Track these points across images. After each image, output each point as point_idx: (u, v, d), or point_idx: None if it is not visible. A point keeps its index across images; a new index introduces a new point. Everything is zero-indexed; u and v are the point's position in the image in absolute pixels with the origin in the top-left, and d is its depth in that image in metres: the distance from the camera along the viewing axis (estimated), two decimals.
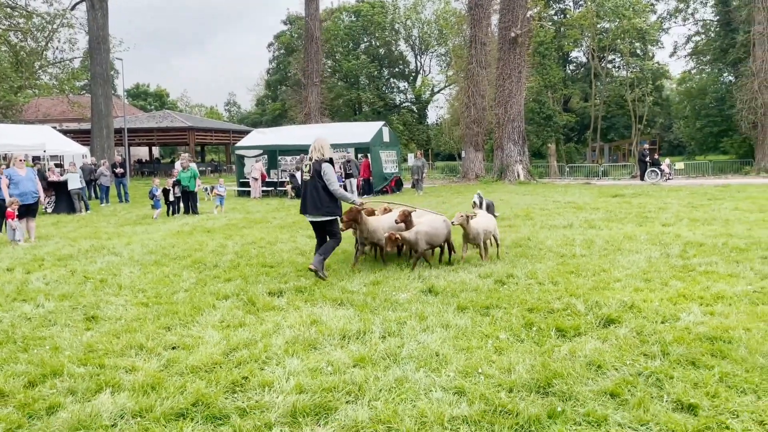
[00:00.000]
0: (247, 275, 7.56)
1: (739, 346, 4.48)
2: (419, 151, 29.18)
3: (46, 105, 44.63)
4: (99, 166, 21.43)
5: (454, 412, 3.54)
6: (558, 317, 5.35)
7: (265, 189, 23.03)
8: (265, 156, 24.09)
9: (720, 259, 7.77)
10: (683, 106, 48.55)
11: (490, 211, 9.53)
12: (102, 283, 7.30)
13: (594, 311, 5.46)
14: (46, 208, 17.30)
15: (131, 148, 43.39)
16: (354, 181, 21.29)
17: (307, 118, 37.20)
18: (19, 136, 21.93)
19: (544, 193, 20.49)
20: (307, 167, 7.25)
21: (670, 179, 26.00)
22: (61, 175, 18.48)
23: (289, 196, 21.24)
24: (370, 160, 22.94)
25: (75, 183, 17.20)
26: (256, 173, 22.64)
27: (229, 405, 3.70)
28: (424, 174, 25.05)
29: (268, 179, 23.52)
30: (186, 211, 16.11)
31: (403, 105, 60.76)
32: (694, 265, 7.41)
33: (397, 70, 60.53)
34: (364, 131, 24.52)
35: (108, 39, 33.12)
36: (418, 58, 61.73)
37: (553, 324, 5.12)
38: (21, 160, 11.42)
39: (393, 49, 59.69)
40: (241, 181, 24.65)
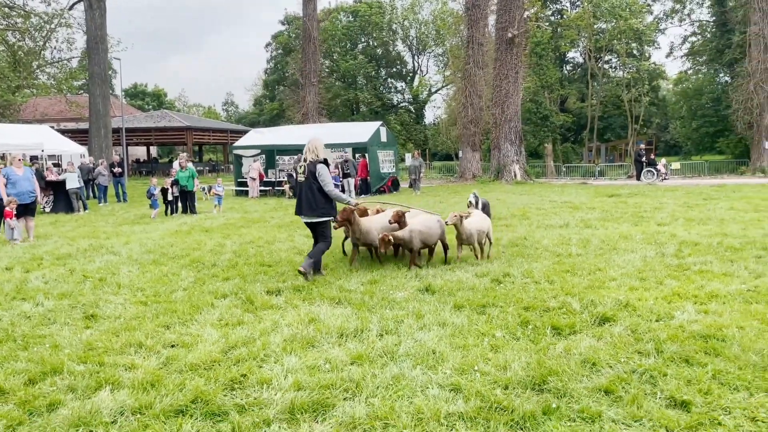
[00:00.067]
0: (246, 274, 7.60)
1: (733, 344, 4.53)
2: (417, 151, 29.20)
3: (43, 105, 44.52)
4: (97, 166, 21.41)
5: (451, 408, 3.58)
6: (553, 315, 5.40)
7: (262, 189, 23.04)
8: (263, 156, 24.11)
9: (715, 258, 7.83)
10: (679, 106, 48.66)
11: (485, 210, 9.57)
12: (101, 282, 7.33)
13: (589, 310, 5.51)
14: (45, 207, 17.30)
15: (129, 147, 43.27)
16: (351, 181, 21.40)
17: (304, 118, 37.20)
18: (17, 135, 21.99)
19: (541, 193, 20.54)
20: (302, 168, 7.24)
21: (666, 179, 26.07)
22: (59, 174, 18.47)
23: (286, 195, 21.25)
24: (367, 160, 22.98)
25: (73, 182, 17.21)
26: (254, 173, 22.67)
27: (227, 402, 3.74)
28: (422, 174, 25.10)
29: (265, 179, 23.54)
30: (184, 210, 16.13)
31: (401, 105, 60.80)
32: (689, 265, 7.47)
33: (394, 70, 60.55)
34: (361, 131, 24.56)
35: (106, 39, 33.06)
36: (416, 58, 61.88)
37: (548, 322, 5.17)
38: (19, 159, 11.44)
39: (390, 49, 59.73)
40: (239, 180, 24.66)
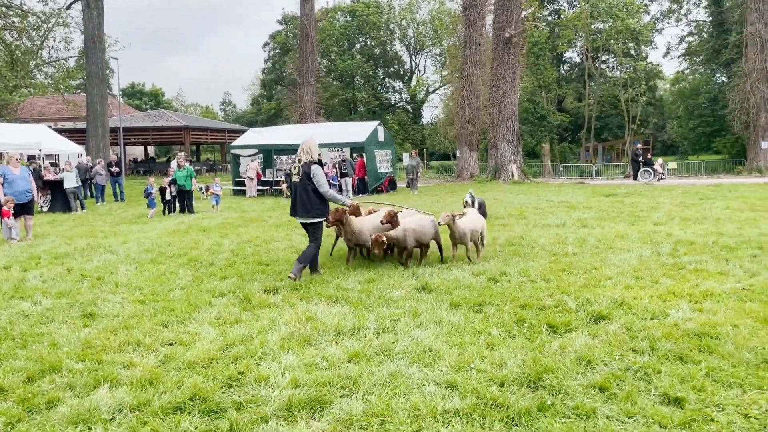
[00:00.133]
0: (243, 273, 7.62)
1: (726, 341, 4.57)
2: (414, 151, 29.24)
3: (41, 104, 44.49)
4: (94, 165, 21.40)
5: (447, 405, 3.61)
6: (549, 314, 5.43)
7: (260, 188, 23.06)
8: (261, 155, 24.12)
9: (710, 257, 7.88)
10: (676, 106, 48.76)
11: (481, 210, 9.58)
12: (99, 280, 7.34)
13: (585, 308, 5.55)
14: (42, 207, 17.29)
15: (126, 147, 43.26)
16: (349, 180, 21.46)
17: (302, 118, 37.21)
18: (14, 135, 21.96)
19: (538, 193, 20.59)
20: (296, 169, 7.22)
21: (662, 179, 26.15)
22: (57, 174, 18.46)
23: (284, 195, 21.26)
24: (365, 160, 23.01)
25: (71, 182, 17.20)
26: (252, 172, 22.67)
27: (225, 399, 3.77)
28: (419, 173, 25.14)
29: (263, 178, 23.55)
30: (182, 210, 16.14)
31: (398, 105, 60.82)
32: (685, 263, 7.51)
33: (392, 69, 60.57)
34: (359, 131, 24.57)
35: (103, 38, 33.05)
36: (413, 58, 61.92)
37: (544, 320, 5.21)
38: (16, 159, 11.45)
39: (388, 49, 59.75)
40: (236, 180, 24.66)
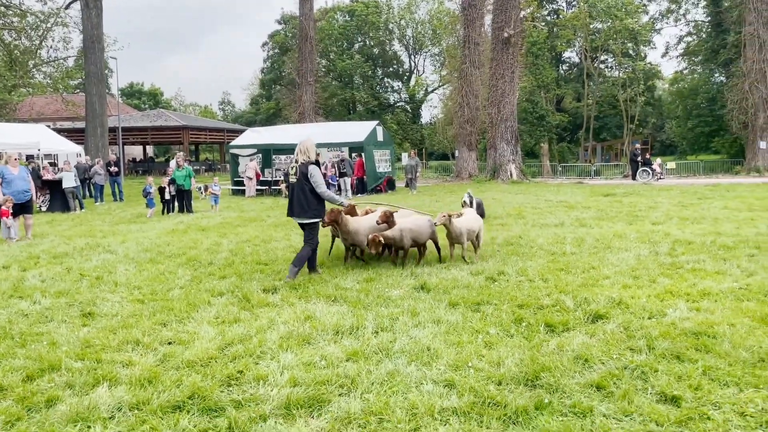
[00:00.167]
0: (242, 272, 7.63)
1: (723, 340, 4.59)
2: (413, 151, 29.27)
3: (40, 104, 44.41)
4: (93, 165, 21.40)
5: (444, 404, 3.63)
6: (547, 313, 5.45)
7: (259, 188, 23.06)
8: (260, 155, 24.12)
9: (708, 256, 7.90)
10: (675, 106, 48.79)
11: (479, 210, 9.60)
12: (98, 280, 7.35)
13: (582, 307, 5.57)
14: (41, 206, 17.29)
15: (125, 146, 43.25)
16: (348, 180, 21.46)
17: (301, 118, 37.22)
18: (13, 134, 21.93)
19: (537, 192, 20.62)
20: (293, 170, 7.22)
21: (661, 179, 26.18)
22: (56, 173, 18.46)
23: (283, 194, 21.27)
24: (364, 159, 23.02)
25: (69, 181, 17.20)
26: (251, 172, 22.67)
27: (224, 398, 3.78)
28: (418, 173, 25.15)
29: (262, 178, 23.55)
30: (181, 209, 16.15)
31: (397, 104, 60.83)
32: (682, 263, 7.53)
33: (391, 69, 60.58)
34: (358, 130, 24.58)
35: (102, 38, 32.99)
36: (412, 57, 61.91)
37: (542, 319, 5.23)
38: (15, 158, 11.45)
39: (387, 48, 59.75)
40: (235, 180, 24.67)
